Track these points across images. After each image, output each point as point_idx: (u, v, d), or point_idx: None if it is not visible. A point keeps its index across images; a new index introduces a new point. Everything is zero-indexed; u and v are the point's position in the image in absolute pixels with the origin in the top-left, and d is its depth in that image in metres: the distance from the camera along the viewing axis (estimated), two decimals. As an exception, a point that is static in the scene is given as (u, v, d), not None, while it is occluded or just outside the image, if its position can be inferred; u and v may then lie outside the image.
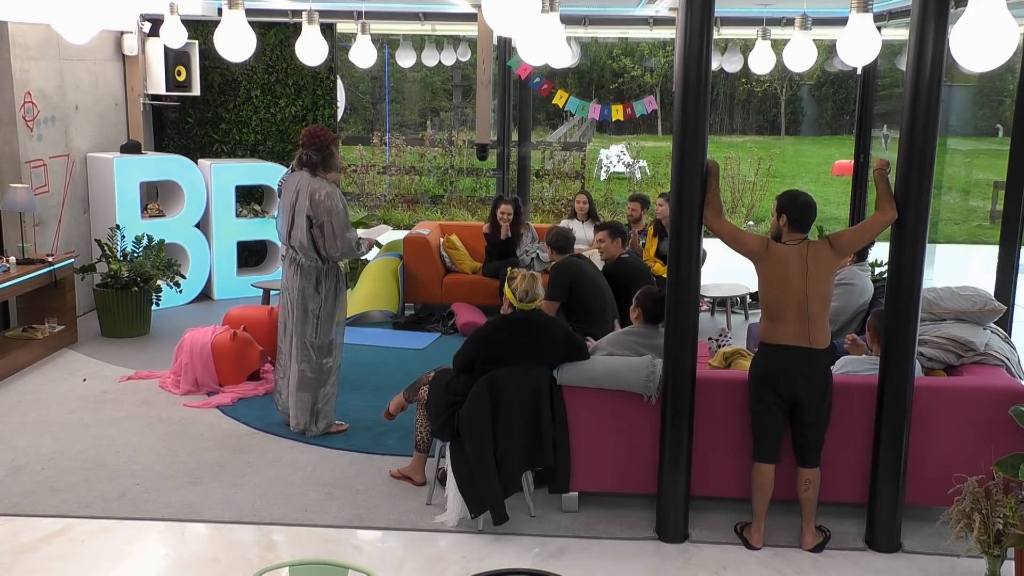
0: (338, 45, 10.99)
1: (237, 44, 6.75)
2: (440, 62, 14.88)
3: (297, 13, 9.80)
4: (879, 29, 7.69)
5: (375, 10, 10.17)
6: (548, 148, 18.03)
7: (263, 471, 5.69)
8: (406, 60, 14.32)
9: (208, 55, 9.64)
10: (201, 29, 9.89)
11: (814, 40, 8.22)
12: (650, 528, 5.04)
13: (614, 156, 21.47)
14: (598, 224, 7.70)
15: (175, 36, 8.77)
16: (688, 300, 4.77)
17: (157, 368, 7.46)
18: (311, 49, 8.02)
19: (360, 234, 6.20)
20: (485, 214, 11.74)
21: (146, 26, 9.67)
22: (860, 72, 9.92)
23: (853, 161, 10.22)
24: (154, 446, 6.04)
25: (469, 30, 12.42)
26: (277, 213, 6.29)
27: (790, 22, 9.39)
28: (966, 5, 4.28)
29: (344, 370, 6.58)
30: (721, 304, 9.41)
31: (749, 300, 9.32)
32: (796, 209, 4.76)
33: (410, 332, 8.75)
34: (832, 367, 4.97)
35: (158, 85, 9.70)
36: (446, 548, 4.87)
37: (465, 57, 14.58)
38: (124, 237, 8.71)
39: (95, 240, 8.77)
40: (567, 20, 7.75)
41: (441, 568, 4.67)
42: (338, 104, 10.56)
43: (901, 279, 4.67)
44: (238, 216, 9.82)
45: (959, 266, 12.88)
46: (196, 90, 9.92)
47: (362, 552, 4.82)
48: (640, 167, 20.90)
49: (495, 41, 10.31)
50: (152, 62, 9.68)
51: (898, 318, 4.70)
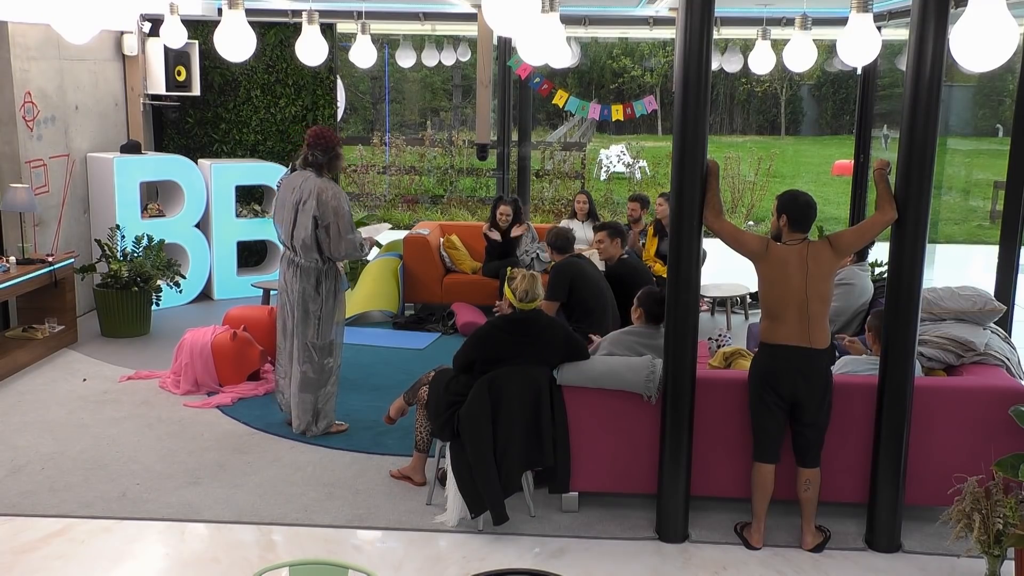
0: (338, 45, 10.99)
1: (237, 44, 6.75)
2: (440, 62, 14.86)
3: (297, 13, 9.80)
4: (879, 29, 7.69)
5: (375, 10, 10.17)
6: (548, 148, 18.01)
7: (263, 471, 5.70)
8: (406, 60, 14.31)
9: (208, 55, 9.64)
10: (201, 29, 9.89)
11: (814, 40, 8.22)
12: (650, 528, 5.04)
13: (614, 156, 21.46)
14: (597, 225, 7.69)
15: (175, 36, 8.77)
16: (688, 300, 4.77)
17: (157, 368, 7.46)
18: (311, 49, 8.02)
19: (361, 232, 6.21)
20: (485, 214, 11.76)
21: (146, 26, 9.66)
22: (860, 72, 9.92)
23: (853, 161, 10.22)
24: (154, 446, 6.04)
25: (469, 30, 12.41)
26: (273, 213, 6.28)
27: (790, 22, 9.39)
28: (966, 5, 4.28)
29: (344, 370, 6.57)
30: (721, 304, 9.41)
31: (749, 300, 9.32)
32: (796, 209, 4.76)
33: (410, 332, 8.75)
34: (832, 367, 4.98)
35: (158, 85, 9.70)
36: (446, 548, 4.87)
37: (465, 57, 14.57)
38: (124, 237, 8.71)
39: (95, 240, 8.77)
40: (567, 20, 7.75)
41: (441, 568, 4.67)
42: (338, 104, 10.55)
43: (901, 279, 4.67)
44: (238, 216, 9.82)
45: (959, 266, 12.88)
46: (196, 90, 9.92)
47: (362, 552, 4.82)
48: (640, 167, 20.90)
49: (495, 41, 10.30)
50: (152, 62, 9.68)
51: (898, 318, 4.70)
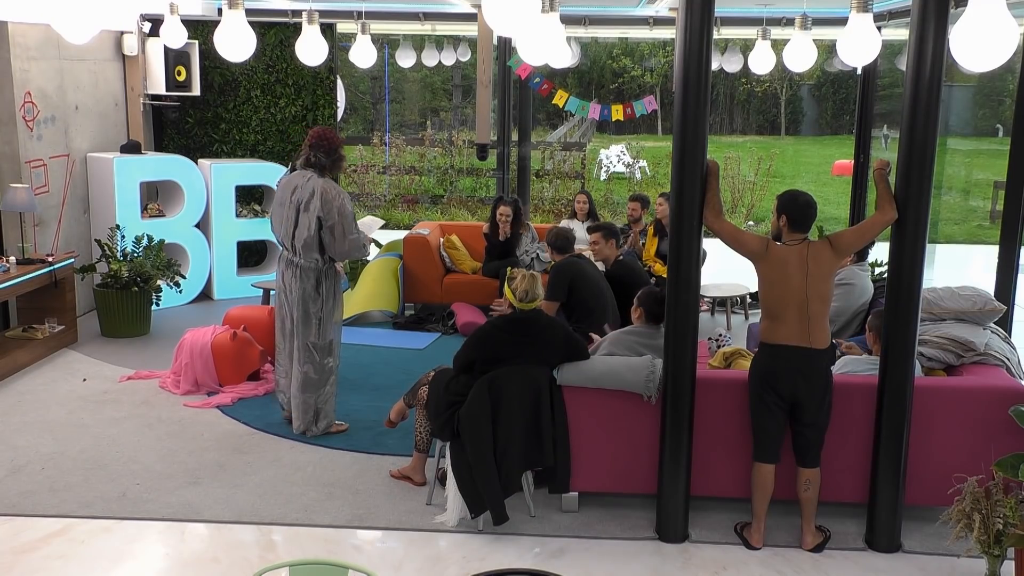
0: (338, 45, 10.99)
1: (237, 44, 6.75)
2: (440, 62, 14.86)
3: (297, 13, 9.80)
4: (879, 29, 7.69)
5: (375, 10, 10.17)
6: (548, 148, 18.01)
7: (263, 471, 5.70)
8: (406, 60, 14.32)
9: (208, 55, 9.64)
10: (201, 29, 9.89)
11: (814, 40, 8.22)
12: (650, 528, 5.04)
13: (614, 156, 21.46)
14: (591, 226, 7.68)
15: (175, 36, 8.77)
16: (688, 300, 4.77)
17: (157, 368, 7.46)
18: (311, 49, 8.02)
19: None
20: (485, 214, 11.75)
21: (146, 26, 9.66)
22: (860, 72, 9.92)
23: (853, 161, 10.22)
24: (154, 446, 6.04)
25: (469, 30, 12.41)
26: (271, 213, 6.28)
27: (790, 22, 9.39)
28: (966, 5, 4.28)
29: (344, 370, 6.58)
30: (721, 304, 9.41)
31: (749, 300, 9.32)
32: (796, 209, 4.76)
33: (410, 332, 8.75)
34: (832, 367, 4.98)
35: (158, 85, 9.70)
36: (446, 548, 4.87)
37: (465, 57, 14.57)
38: (124, 237, 8.71)
39: (95, 240, 8.77)
40: (567, 20, 7.75)
41: (441, 568, 4.67)
42: (338, 104, 10.55)
43: (901, 279, 4.67)
44: (238, 216, 9.82)
45: (959, 266, 12.88)
46: (196, 90, 9.92)
47: (362, 552, 4.82)
48: (640, 167, 20.89)
49: (495, 41, 10.30)
50: (152, 62, 9.68)
51: (898, 318, 4.70)
